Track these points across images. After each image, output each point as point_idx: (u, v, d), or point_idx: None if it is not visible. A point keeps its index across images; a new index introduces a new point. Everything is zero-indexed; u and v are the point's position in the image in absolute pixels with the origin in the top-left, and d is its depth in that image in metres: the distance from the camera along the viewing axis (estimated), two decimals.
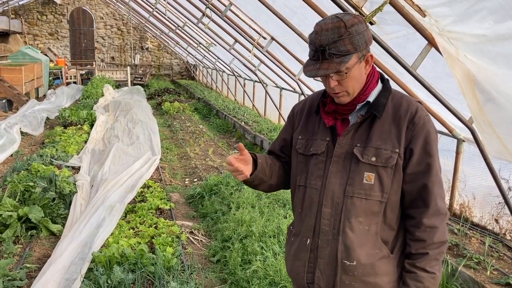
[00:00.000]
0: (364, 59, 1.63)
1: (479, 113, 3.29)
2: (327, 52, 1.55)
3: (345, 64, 1.56)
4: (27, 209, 4.71)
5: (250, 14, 7.38)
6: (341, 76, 1.60)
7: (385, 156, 1.63)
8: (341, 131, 1.72)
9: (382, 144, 1.64)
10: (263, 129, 9.68)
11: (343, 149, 1.69)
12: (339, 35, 1.54)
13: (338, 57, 1.55)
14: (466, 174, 4.97)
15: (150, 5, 13.85)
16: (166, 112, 13.51)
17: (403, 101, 1.69)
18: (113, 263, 3.83)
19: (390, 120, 1.67)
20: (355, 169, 1.66)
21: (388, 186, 1.65)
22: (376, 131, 1.66)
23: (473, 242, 4.31)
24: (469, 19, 2.73)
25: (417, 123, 1.64)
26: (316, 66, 1.58)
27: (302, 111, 1.87)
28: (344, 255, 1.66)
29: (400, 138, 1.64)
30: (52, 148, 7.76)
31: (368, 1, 3.41)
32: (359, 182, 1.65)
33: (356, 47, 1.57)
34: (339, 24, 1.55)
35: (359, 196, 1.65)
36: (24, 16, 22.02)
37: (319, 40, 1.56)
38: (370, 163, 1.64)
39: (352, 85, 1.64)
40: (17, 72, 13.41)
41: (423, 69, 3.65)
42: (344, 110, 1.71)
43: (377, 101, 1.68)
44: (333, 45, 1.54)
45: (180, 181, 7.10)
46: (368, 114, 1.68)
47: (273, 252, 3.98)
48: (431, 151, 1.64)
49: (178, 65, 24.63)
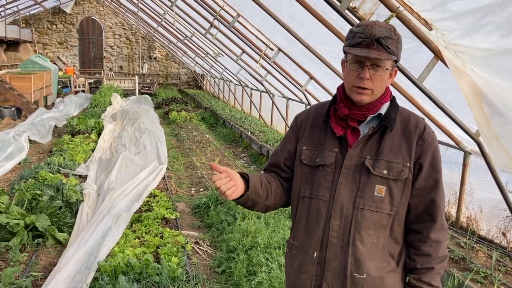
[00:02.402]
0: (392, 70, 1.69)
1: (485, 126, 3.29)
2: (381, 41, 1.58)
3: (388, 61, 1.62)
4: (34, 217, 4.74)
5: (257, 26, 7.44)
6: (378, 71, 1.63)
7: (397, 169, 1.65)
8: (351, 142, 1.72)
9: (394, 158, 1.66)
10: (269, 139, 9.69)
11: (352, 160, 1.69)
12: (390, 34, 1.61)
13: (386, 52, 1.60)
14: (473, 187, 4.95)
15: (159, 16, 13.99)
16: (173, 121, 13.57)
17: (411, 117, 1.73)
18: (118, 273, 3.84)
19: (399, 134, 1.69)
20: (365, 181, 1.67)
21: (398, 200, 1.66)
22: (387, 144, 1.67)
23: (480, 256, 4.27)
24: (475, 33, 2.74)
25: (426, 139, 1.67)
26: (366, 50, 1.60)
27: (307, 121, 1.86)
28: (354, 268, 1.65)
29: (411, 152, 1.66)
30: (59, 157, 7.81)
31: (374, 14, 3.43)
32: (370, 195, 1.66)
33: (398, 53, 1.63)
34: (390, 27, 1.63)
35: (369, 209, 1.65)
36: (34, 26, 22.30)
37: (372, 30, 1.60)
38: (381, 176, 1.65)
39: (379, 86, 1.66)
40: (27, 81, 13.56)
41: (429, 82, 3.65)
42: (357, 115, 1.71)
43: (388, 115, 1.70)
44: (386, 39, 1.59)
45: (186, 191, 7.11)
46: (379, 126, 1.70)
47: (278, 264, 3.97)
48: (438, 167, 1.68)
49: (185, 75, 24.78)
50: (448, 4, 2.73)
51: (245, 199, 1.74)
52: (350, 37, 1.65)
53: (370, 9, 3.38)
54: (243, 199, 1.74)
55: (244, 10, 7.23)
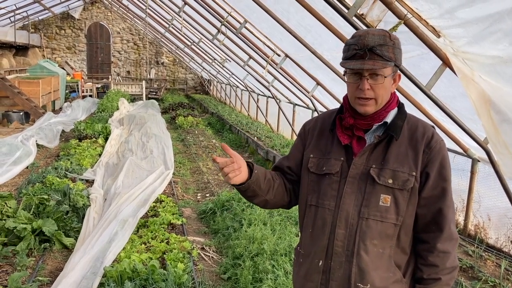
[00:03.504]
0: (395, 75, 1.68)
1: (494, 134, 3.26)
2: (375, 50, 1.58)
3: (386, 68, 1.61)
4: (41, 222, 4.76)
5: (264, 32, 7.45)
6: (377, 80, 1.62)
7: (403, 178, 1.63)
8: (357, 150, 1.70)
9: (399, 167, 1.64)
10: (275, 145, 9.68)
11: (358, 169, 1.68)
12: (384, 41, 1.60)
13: (382, 60, 1.59)
14: (481, 195, 4.91)
15: (166, 21, 14.06)
16: (180, 126, 13.61)
17: (419, 125, 1.70)
18: (124, 278, 3.84)
19: (406, 143, 1.67)
20: (371, 191, 1.65)
21: (404, 209, 1.64)
22: (393, 153, 1.66)
23: (489, 265, 4.23)
24: (484, 40, 2.73)
25: (433, 147, 1.64)
26: (360, 62, 1.60)
27: (314, 129, 1.86)
28: (358, 277, 1.64)
29: (417, 161, 1.64)
30: (66, 161, 7.85)
31: (382, 21, 3.42)
32: (375, 204, 1.64)
33: (396, 58, 1.62)
34: (384, 33, 1.62)
35: (374, 218, 1.64)
36: (43, 31, 22.51)
37: (365, 40, 1.59)
38: (386, 185, 1.63)
39: (382, 94, 1.65)
40: (35, 85, 13.66)
41: (437, 89, 3.64)
42: (363, 124, 1.70)
43: (394, 123, 1.69)
44: (379, 47, 1.58)
45: (192, 196, 7.11)
46: (385, 135, 1.68)
47: (284, 271, 3.95)
48: (446, 175, 1.64)
49: (192, 80, 24.86)
50: (456, 11, 2.72)
51: (245, 187, 1.75)
52: (345, 49, 1.66)
53: (378, 16, 3.37)
54: (244, 187, 1.75)
55: (251, 16, 7.24)
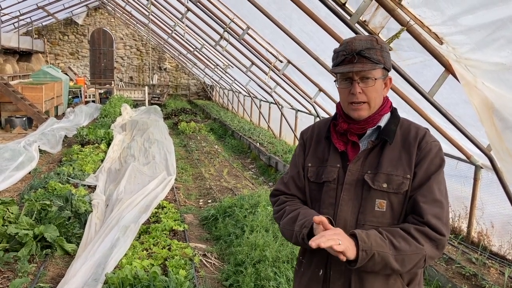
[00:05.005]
0: (385, 79, 1.69)
1: (497, 141, 3.25)
2: (363, 54, 1.60)
3: (375, 70, 1.63)
4: (43, 228, 4.75)
5: (267, 38, 7.47)
6: (368, 83, 1.63)
7: (397, 182, 1.62)
8: (351, 157, 1.71)
9: (393, 170, 1.64)
10: (278, 151, 9.66)
11: (354, 176, 1.68)
12: (372, 45, 1.63)
13: (370, 62, 1.61)
14: (484, 202, 4.88)
15: (169, 27, 14.12)
16: (182, 132, 13.62)
17: (412, 128, 1.71)
18: (126, 285, 3.82)
19: (399, 146, 1.67)
20: (366, 197, 1.65)
21: (399, 213, 1.63)
22: (387, 158, 1.66)
23: (492, 273, 4.20)
24: (486, 47, 2.72)
25: (423, 148, 1.65)
26: (350, 65, 1.62)
27: (311, 138, 1.87)
28: (358, 286, 1.63)
29: (411, 164, 1.64)
30: (69, 167, 7.85)
31: (385, 28, 3.43)
32: (370, 210, 1.64)
33: (385, 61, 1.64)
34: (371, 38, 1.65)
35: (371, 224, 1.63)
36: (46, 36, 22.62)
37: (352, 46, 1.62)
38: (381, 190, 1.63)
39: (374, 97, 1.66)
40: (38, 91, 13.71)
41: (440, 96, 3.63)
42: (356, 129, 1.71)
43: (387, 127, 1.69)
44: (367, 51, 1.61)
45: (194, 202, 7.10)
46: (378, 140, 1.69)
47: (286, 278, 3.93)
48: (432, 174, 1.62)
49: (195, 86, 24.92)
50: (459, 18, 2.72)
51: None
52: (334, 57, 1.68)
53: (380, 23, 3.37)
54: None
55: (253, 22, 7.26)
